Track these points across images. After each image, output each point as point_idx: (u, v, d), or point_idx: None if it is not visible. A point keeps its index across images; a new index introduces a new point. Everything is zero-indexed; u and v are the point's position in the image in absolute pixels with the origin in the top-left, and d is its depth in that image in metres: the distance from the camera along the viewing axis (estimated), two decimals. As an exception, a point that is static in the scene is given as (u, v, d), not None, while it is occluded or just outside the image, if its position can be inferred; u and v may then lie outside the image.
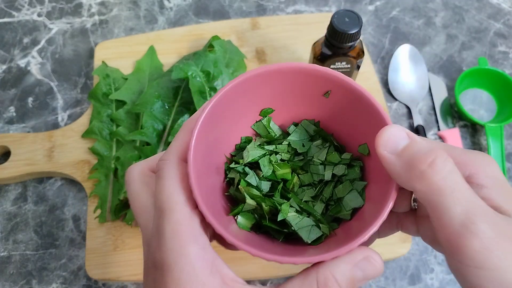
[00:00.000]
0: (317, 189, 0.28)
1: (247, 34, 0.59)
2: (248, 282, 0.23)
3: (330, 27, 0.43)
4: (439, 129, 0.55)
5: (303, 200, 0.27)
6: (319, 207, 0.27)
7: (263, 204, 0.27)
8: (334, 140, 0.29)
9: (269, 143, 0.30)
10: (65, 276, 0.45)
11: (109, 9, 0.64)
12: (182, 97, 0.49)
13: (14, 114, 0.55)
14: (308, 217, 0.27)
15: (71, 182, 0.50)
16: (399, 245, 0.45)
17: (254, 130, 0.30)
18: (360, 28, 0.43)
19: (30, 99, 0.56)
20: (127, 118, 0.50)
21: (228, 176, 0.28)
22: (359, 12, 0.65)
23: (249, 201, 0.27)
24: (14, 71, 0.58)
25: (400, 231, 0.29)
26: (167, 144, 0.47)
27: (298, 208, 0.27)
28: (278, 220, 0.26)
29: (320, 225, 0.26)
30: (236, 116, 0.28)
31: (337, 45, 0.44)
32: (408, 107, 0.57)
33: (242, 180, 0.27)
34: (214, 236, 0.27)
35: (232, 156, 0.29)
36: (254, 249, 0.22)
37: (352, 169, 0.28)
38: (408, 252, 0.46)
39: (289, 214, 0.26)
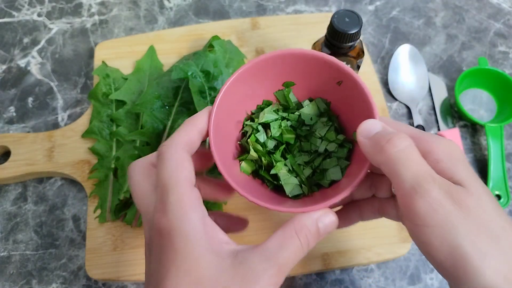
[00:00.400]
0: (311, 157, 0.33)
1: (247, 34, 0.59)
2: None
3: (330, 27, 0.43)
4: (439, 129, 0.55)
5: (296, 163, 0.33)
6: (307, 172, 0.33)
7: (263, 159, 0.33)
8: (336, 122, 0.34)
9: (284, 110, 0.35)
10: (65, 276, 0.45)
11: (109, 9, 0.64)
12: (182, 97, 0.49)
13: (14, 114, 0.55)
14: (295, 177, 0.32)
15: (71, 182, 0.50)
16: (399, 245, 0.45)
17: (276, 97, 0.35)
18: (360, 28, 0.43)
19: (30, 99, 0.56)
20: (127, 118, 0.50)
21: (244, 128, 0.34)
22: (359, 12, 0.65)
23: (253, 153, 0.32)
24: (14, 71, 0.58)
25: (403, 234, 0.30)
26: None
27: (291, 168, 0.33)
28: (271, 173, 0.32)
29: (303, 185, 0.32)
30: (264, 82, 0.33)
31: (337, 45, 0.44)
32: (408, 107, 0.57)
33: (253, 135, 0.33)
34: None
35: (252, 113, 0.35)
36: (241, 189, 0.28)
37: (342, 149, 0.33)
38: (408, 252, 0.46)
39: (281, 170, 0.32)
